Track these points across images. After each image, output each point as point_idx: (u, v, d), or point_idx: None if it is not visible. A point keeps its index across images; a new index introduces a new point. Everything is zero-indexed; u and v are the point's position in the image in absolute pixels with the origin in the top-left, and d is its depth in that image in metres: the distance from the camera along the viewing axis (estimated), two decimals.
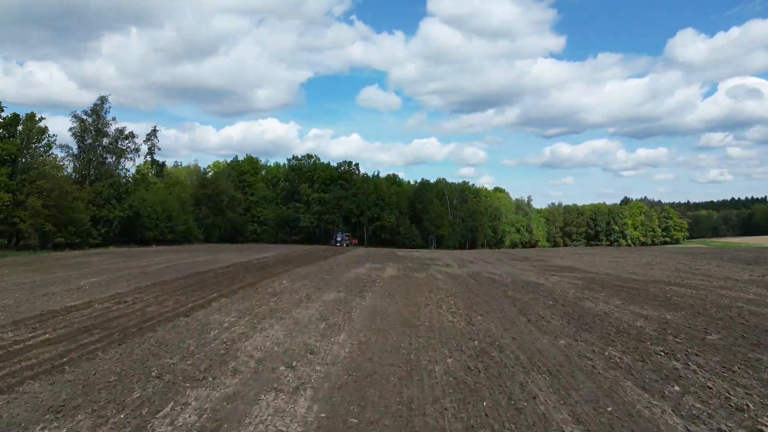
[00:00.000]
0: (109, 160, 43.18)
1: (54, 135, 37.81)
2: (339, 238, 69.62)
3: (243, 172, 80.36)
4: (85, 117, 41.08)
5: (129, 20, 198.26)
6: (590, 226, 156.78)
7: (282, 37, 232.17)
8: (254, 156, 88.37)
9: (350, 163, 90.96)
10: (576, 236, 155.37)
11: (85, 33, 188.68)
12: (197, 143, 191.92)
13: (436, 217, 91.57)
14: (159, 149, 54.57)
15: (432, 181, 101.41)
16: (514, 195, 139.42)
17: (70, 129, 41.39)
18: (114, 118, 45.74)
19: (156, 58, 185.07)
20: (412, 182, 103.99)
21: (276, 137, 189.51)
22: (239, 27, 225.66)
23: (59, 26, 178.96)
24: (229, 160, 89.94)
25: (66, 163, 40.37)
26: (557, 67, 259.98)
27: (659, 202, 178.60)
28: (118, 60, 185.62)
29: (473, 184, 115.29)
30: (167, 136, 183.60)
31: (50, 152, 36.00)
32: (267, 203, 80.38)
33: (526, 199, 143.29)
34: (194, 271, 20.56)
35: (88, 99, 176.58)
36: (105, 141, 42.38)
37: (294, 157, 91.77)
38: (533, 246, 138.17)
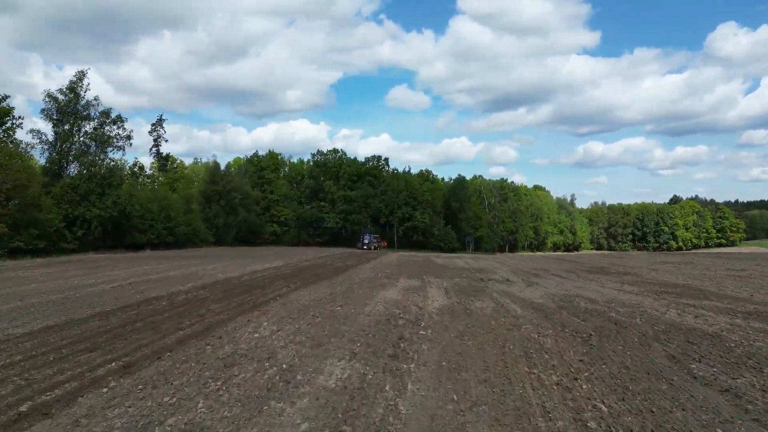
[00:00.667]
0: (93, 148, 36.77)
1: (20, 118, 31.90)
2: (366, 240, 62.55)
3: (262, 168, 74.15)
4: (60, 96, 35.15)
5: (162, 24, 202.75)
6: (637, 227, 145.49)
7: (311, 37, 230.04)
8: (278, 153, 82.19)
9: (379, 158, 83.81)
10: (621, 238, 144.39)
11: (121, 37, 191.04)
12: (229, 144, 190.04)
13: (474, 217, 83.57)
14: (166, 140, 48.83)
15: (467, 178, 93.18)
16: (554, 194, 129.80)
17: (42, 110, 35.32)
18: (96, 98, 38.50)
19: (189, 60, 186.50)
20: (445, 179, 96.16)
21: (306, 138, 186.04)
22: (269, 28, 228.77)
23: (97, 31, 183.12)
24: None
25: (34, 153, 34.24)
26: (591, 63, 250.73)
27: (712, 200, 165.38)
28: (153, 63, 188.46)
29: (512, 181, 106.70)
30: (199, 137, 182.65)
31: (13, 137, 30.18)
32: (288, 202, 73.97)
33: (568, 198, 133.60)
34: (138, 299, 13.65)
35: (124, 102, 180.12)
36: (88, 127, 36.16)
37: (318, 152, 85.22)
38: (576, 249, 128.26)
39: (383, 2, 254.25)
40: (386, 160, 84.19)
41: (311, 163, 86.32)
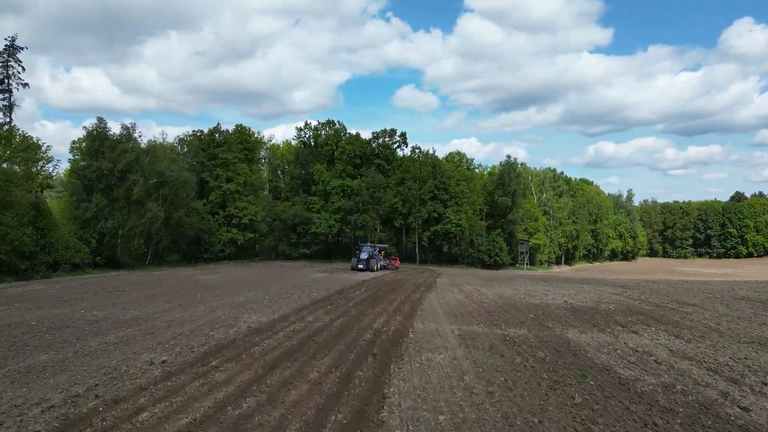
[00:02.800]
0: None
1: None
2: (364, 256, 37.85)
3: (216, 144, 48.45)
4: None
5: (169, 25, 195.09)
6: (699, 230, 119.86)
7: (318, 37, 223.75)
8: (250, 128, 56.64)
9: (392, 132, 58.22)
10: (680, 242, 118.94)
11: (128, 39, 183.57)
12: None
13: (528, 218, 58.13)
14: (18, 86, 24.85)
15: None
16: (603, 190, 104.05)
17: None
18: None
19: (196, 61, 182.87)
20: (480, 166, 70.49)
21: None
22: (276, 28, 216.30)
23: (103, 33, 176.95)
24: None
25: None
26: (603, 61, 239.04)
27: None
28: (160, 64, 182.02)
29: (562, 172, 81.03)
30: None
31: None
32: (252, 193, 48.58)
33: (624, 195, 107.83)
34: None
35: (131, 104, 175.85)
36: None
37: (306, 125, 59.65)
38: (633, 257, 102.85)
39: (391, 0, 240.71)
40: (403, 135, 58.63)
41: (297, 142, 61.01)
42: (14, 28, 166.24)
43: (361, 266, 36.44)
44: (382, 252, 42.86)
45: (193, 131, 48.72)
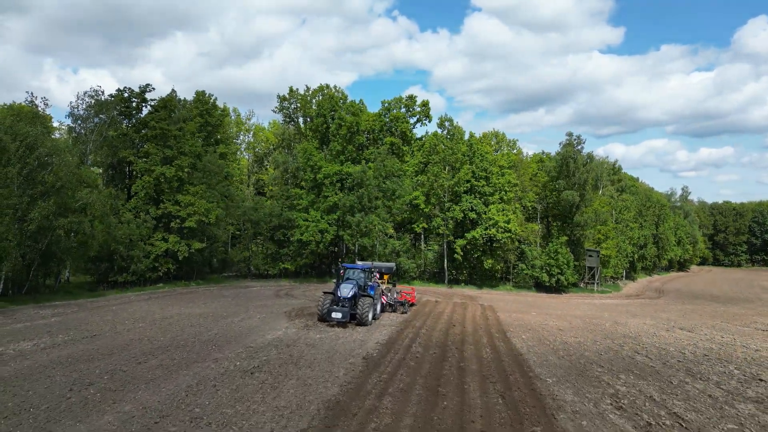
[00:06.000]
0: None
1: None
2: (347, 293, 17.29)
3: (154, 110, 32.19)
4: None
5: (175, 25, 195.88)
6: (754, 233, 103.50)
7: (324, 37, 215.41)
8: (212, 96, 40.57)
9: (411, 99, 42.03)
10: (733, 249, 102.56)
11: (135, 40, 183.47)
12: None
13: (597, 221, 42.03)
14: None
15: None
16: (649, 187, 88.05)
17: None
18: None
19: (202, 62, 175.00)
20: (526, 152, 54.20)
21: None
22: (281, 28, 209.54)
23: (110, 34, 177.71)
24: None
25: None
26: (614, 61, 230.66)
27: None
28: (166, 65, 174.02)
29: (618, 164, 64.66)
30: None
31: None
32: (205, 182, 32.13)
33: (677, 193, 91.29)
34: None
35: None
36: None
37: (292, 92, 43.69)
38: (688, 267, 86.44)
39: None
40: (424, 105, 42.46)
41: (280, 116, 45.16)
42: (20, 29, 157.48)
43: (338, 315, 16.85)
44: (386, 277, 23.99)
45: (119, 90, 32.49)
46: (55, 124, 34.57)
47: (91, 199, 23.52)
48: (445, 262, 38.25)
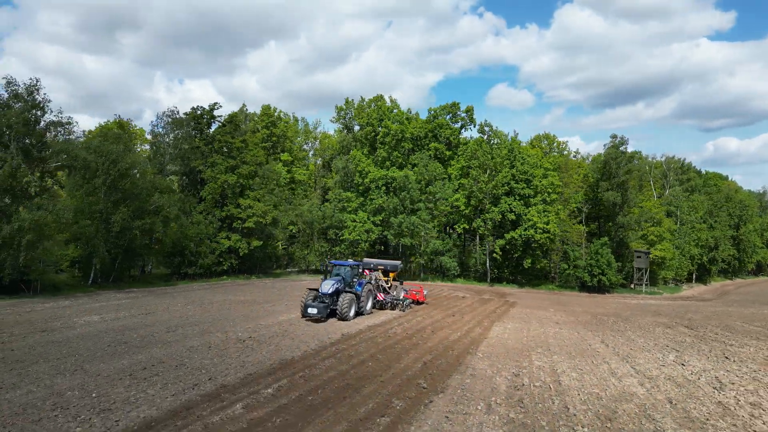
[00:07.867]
0: None
1: None
2: (327, 289, 18.20)
3: (222, 124, 37.09)
4: None
5: (269, 34, 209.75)
6: None
7: (410, 38, 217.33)
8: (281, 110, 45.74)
9: (454, 106, 44.05)
10: None
11: (233, 51, 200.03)
12: None
13: (646, 222, 41.41)
14: None
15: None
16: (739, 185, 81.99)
17: None
18: None
19: (293, 68, 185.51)
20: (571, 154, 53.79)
21: None
22: (368, 32, 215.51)
23: (211, 47, 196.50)
24: None
25: None
26: (725, 48, 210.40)
27: None
28: (260, 73, 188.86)
29: (689, 162, 61.58)
30: None
31: None
32: (264, 187, 36.59)
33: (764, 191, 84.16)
34: None
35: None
36: None
37: (348, 103, 47.35)
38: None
39: None
40: (469, 111, 44.24)
41: (337, 122, 48.97)
42: (132, 43, 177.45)
43: (313, 311, 17.38)
44: (392, 274, 24.04)
45: (192, 109, 37.84)
46: (148, 137, 41.12)
47: (161, 202, 28.40)
48: (487, 261, 39.82)
